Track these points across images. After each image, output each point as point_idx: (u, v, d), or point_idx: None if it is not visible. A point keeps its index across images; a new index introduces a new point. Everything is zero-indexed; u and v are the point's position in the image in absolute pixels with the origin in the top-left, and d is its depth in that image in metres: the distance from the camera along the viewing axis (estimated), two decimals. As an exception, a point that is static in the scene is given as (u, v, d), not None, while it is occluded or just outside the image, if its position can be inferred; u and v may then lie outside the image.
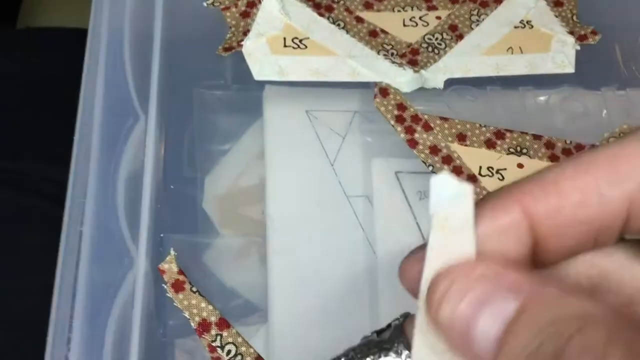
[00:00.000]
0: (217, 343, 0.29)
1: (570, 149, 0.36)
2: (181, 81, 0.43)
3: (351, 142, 0.41)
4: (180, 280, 0.29)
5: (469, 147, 0.36)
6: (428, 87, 0.38)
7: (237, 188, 0.42)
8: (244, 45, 0.37)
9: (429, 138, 0.35)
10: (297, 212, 0.39)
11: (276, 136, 0.41)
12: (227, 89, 0.44)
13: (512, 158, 0.35)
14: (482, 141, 0.35)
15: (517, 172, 0.35)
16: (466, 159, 0.35)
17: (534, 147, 0.36)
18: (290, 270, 0.37)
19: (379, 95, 0.36)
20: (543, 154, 0.36)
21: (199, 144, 0.42)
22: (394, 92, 0.36)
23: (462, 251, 0.19)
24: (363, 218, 0.38)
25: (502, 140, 0.36)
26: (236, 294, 0.39)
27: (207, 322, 0.29)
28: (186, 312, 0.29)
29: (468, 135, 0.36)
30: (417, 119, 0.36)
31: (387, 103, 0.36)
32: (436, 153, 0.35)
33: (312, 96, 0.42)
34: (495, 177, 0.35)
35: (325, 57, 0.37)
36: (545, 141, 0.36)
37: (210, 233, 0.40)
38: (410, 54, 0.38)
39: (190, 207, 0.40)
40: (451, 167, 0.35)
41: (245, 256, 0.40)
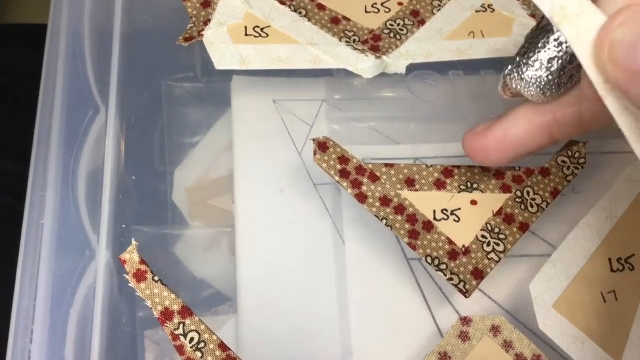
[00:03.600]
0: (180, 331, 0.29)
1: (519, 175, 0.35)
2: (149, 74, 0.43)
3: (318, 130, 0.41)
4: (142, 270, 0.29)
5: (419, 192, 0.34)
6: (390, 72, 0.38)
7: (207, 180, 0.42)
8: (204, 35, 0.37)
9: (377, 189, 0.34)
10: (265, 201, 0.39)
11: (244, 126, 0.41)
12: (196, 81, 0.44)
13: (464, 195, 0.34)
14: (431, 183, 0.34)
15: (471, 210, 0.34)
16: (418, 204, 0.34)
17: (483, 180, 0.35)
18: (258, 260, 0.37)
19: (318, 152, 0.34)
20: (494, 186, 0.35)
21: (168, 136, 0.42)
22: (333, 145, 0.34)
23: (597, 21, 0.22)
24: (331, 206, 0.38)
25: (451, 177, 0.34)
26: (206, 285, 0.39)
27: (169, 310, 0.29)
28: (148, 301, 0.29)
29: (416, 178, 0.34)
30: (362, 170, 0.34)
31: (327, 158, 0.34)
32: (387, 204, 0.33)
33: (280, 86, 0.42)
34: (451, 219, 0.34)
35: (286, 45, 0.37)
36: (494, 172, 0.35)
37: (180, 225, 0.40)
38: (372, 40, 0.38)
39: (160, 199, 0.40)
40: (405, 216, 0.33)
41: (215, 247, 0.40)
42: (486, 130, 0.30)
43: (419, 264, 0.37)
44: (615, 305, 0.33)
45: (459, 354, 0.31)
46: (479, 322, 0.32)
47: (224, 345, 0.29)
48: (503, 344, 0.32)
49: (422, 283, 0.36)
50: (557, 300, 0.33)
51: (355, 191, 0.33)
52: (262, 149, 0.40)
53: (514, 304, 0.36)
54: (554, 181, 0.35)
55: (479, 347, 0.31)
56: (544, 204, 0.34)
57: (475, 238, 0.33)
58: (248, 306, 0.36)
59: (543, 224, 0.38)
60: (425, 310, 0.36)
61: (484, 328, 0.32)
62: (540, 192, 0.34)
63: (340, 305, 0.36)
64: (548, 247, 0.37)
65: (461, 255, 0.33)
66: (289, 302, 0.36)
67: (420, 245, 0.32)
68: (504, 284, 0.36)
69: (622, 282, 0.33)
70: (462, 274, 0.32)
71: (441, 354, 0.31)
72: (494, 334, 0.32)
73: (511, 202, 0.34)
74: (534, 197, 0.34)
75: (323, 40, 0.38)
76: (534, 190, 0.34)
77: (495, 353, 0.31)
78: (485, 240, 0.33)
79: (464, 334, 0.32)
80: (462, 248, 0.33)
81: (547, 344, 0.35)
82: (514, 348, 0.32)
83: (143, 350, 0.35)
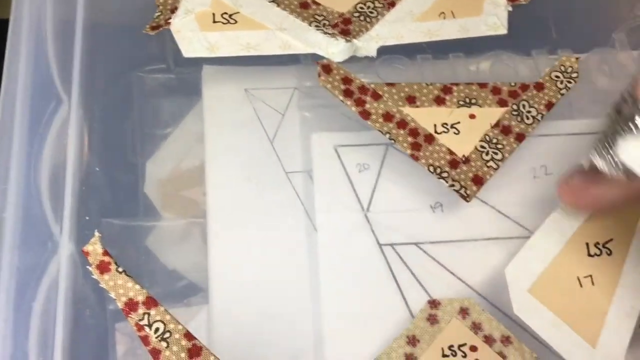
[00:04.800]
0: (145, 322, 0.29)
1: (516, 91, 0.37)
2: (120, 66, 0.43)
3: (290, 118, 0.40)
4: (106, 262, 0.29)
5: (420, 108, 0.36)
6: (360, 55, 0.37)
7: (179, 171, 0.41)
8: (172, 23, 0.36)
9: (380, 106, 0.36)
10: (237, 191, 0.38)
11: (215, 116, 0.41)
12: (168, 72, 0.43)
13: (463, 110, 0.36)
14: (431, 99, 0.36)
15: (470, 123, 0.36)
16: (420, 119, 0.36)
17: (481, 96, 0.36)
18: (230, 250, 0.37)
19: (322, 73, 0.36)
20: (492, 100, 0.36)
21: (139, 128, 0.42)
22: (336, 67, 0.36)
23: None
24: (303, 193, 0.38)
25: (451, 94, 0.36)
26: (179, 276, 0.38)
27: (133, 301, 0.29)
28: (112, 293, 0.29)
29: (417, 96, 0.36)
30: (365, 90, 0.36)
31: (332, 79, 0.36)
32: (390, 119, 0.35)
33: (251, 75, 0.42)
34: (451, 132, 0.36)
35: (255, 31, 0.37)
36: (492, 88, 0.37)
37: (152, 217, 0.39)
38: (342, 23, 0.38)
39: (132, 191, 0.40)
40: (407, 130, 0.35)
41: (187, 238, 0.39)
42: (583, 189, 0.31)
43: (391, 250, 0.37)
44: (592, 289, 0.33)
45: (428, 337, 0.31)
46: (448, 305, 0.32)
47: (190, 334, 0.29)
48: (472, 326, 0.31)
49: (395, 268, 0.36)
50: (532, 284, 0.33)
51: (359, 109, 0.35)
52: (234, 138, 0.40)
53: (487, 287, 0.36)
54: (548, 95, 0.37)
55: (447, 329, 0.31)
56: (539, 116, 0.36)
57: (475, 148, 0.35)
58: (220, 296, 0.36)
59: (517, 206, 0.38)
60: (398, 295, 0.35)
61: (452, 311, 0.32)
62: (536, 105, 0.36)
63: (313, 293, 0.35)
64: (522, 229, 0.37)
65: (462, 164, 0.35)
66: (261, 291, 0.36)
67: (422, 156, 0.34)
68: (477, 267, 0.36)
69: (599, 266, 0.33)
70: (463, 181, 0.34)
71: (409, 338, 0.31)
72: (463, 317, 0.32)
73: (508, 115, 0.36)
74: (529, 110, 0.36)
75: (293, 26, 0.37)
76: (530, 103, 0.36)
77: (464, 335, 0.31)
78: (484, 150, 0.35)
79: (433, 317, 0.32)
80: (462, 157, 0.35)
81: (521, 327, 0.34)
82: (483, 330, 0.31)
83: (114, 343, 0.34)
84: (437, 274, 0.36)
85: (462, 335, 0.31)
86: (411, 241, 0.37)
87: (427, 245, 0.37)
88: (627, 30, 0.41)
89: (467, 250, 0.36)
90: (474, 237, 0.37)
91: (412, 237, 0.37)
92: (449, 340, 0.31)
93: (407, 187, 0.38)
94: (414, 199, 0.38)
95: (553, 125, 0.39)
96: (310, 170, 0.38)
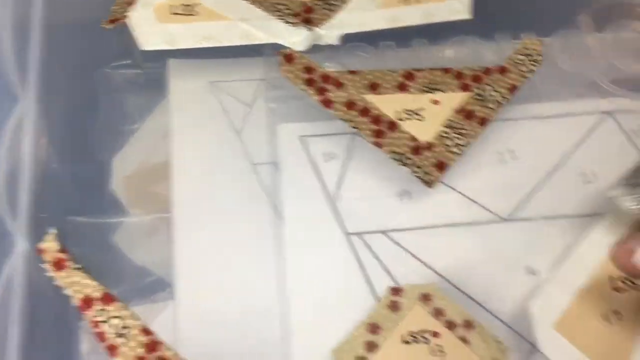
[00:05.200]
0: (101, 318, 0.28)
1: (479, 75, 0.36)
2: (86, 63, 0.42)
3: (257, 110, 0.40)
4: (62, 258, 0.29)
5: (383, 95, 0.36)
6: (323, 43, 0.37)
7: (146, 167, 0.41)
8: (129, 16, 0.36)
9: (343, 94, 0.35)
10: (203, 185, 0.38)
11: (181, 110, 0.40)
12: (135, 67, 0.43)
13: (427, 96, 0.36)
14: (394, 86, 0.36)
15: (433, 109, 0.36)
16: (383, 106, 0.35)
17: (445, 81, 0.36)
18: (196, 244, 0.37)
19: (284, 63, 0.36)
20: (455, 86, 0.36)
21: (106, 125, 0.42)
22: (299, 57, 0.36)
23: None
24: (270, 184, 0.38)
25: (414, 81, 0.36)
26: (147, 272, 0.38)
27: (90, 298, 0.28)
28: (69, 290, 0.29)
29: (380, 83, 0.36)
30: (327, 78, 0.36)
31: (294, 69, 0.36)
32: (352, 107, 0.35)
33: (217, 67, 0.42)
34: (415, 118, 0.35)
35: (216, 22, 0.37)
36: (455, 73, 0.36)
37: (119, 213, 0.39)
38: (305, 12, 0.37)
39: (99, 188, 0.40)
40: (369, 118, 0.35)
41: (154, 234, 0.39)
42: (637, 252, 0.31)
43: (359, 239, 0.36)
44: (619, 325, 0.32)
45: (389, 324, 0.31)
46: (410, 292, 0.31)
47: (148, 329, 0.29)
48: (434, 312, 0.31)
49: (363, 257, 0.36)
50: (558, 320, 0.32)
51: (321, 97, 0.35)
52: (200, 131, 0.40)
53: (455, 273, 0.35)
54: (512, 78, 0.36)
55: (410, 316, 0.31)
56: (503, 100, 0.36)
57: (438, 134, 0.35)
58: (186, 291, 0.35)
59: (484, 191, 0.37)
60: (366, 284, 0.35)
61: (414, 297, 0.31)
62: (499, 89, 0.36)
63: (279, 284, 0.35)
64: (490, 214, 0.37)
65: (425, 150, 0.34)
66: (228, 284, 0.36)
67: (385, 143, 0.34)
68: (445, 253, 0.36)
69: (625, 301, 0.32)
70: (426, 167, 0.34)
71: (371, 325, 0.31)
72: (425, 302, 0.31)
73: (471, 100, 0.36)
74: (493, 94, 0.36)
75: (254, 16, 0.37)
76: (493, 87, 0.36)
77: (426, 321, 0.31)
78: (448, 136, 0.35)
79: (395, 304, 0.31)
80: (425, 144, 0.35)
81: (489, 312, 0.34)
82: (445, 315, 0.31)
83: (78, 341, 0.34)
84: (405, 261, 0.36)
85: (424, 321, 0.31)
86: (379, 229, 0.36)
87: (395, 233, 0.36)
88: (591, 12, 0.40)
89: (435, 237, 0.36)
90: (442, 223, 0.37)
91: (379, 225, 0.36)
92: (411, 327, 0.31)
93: (375, 175, 0.38)
94: (382, 187, 0.37)
95: (519, 109, 0.39)
96: (277, 161, 0.38)
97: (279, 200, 0.37)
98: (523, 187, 0.37)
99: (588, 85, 0.39)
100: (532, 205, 0.37)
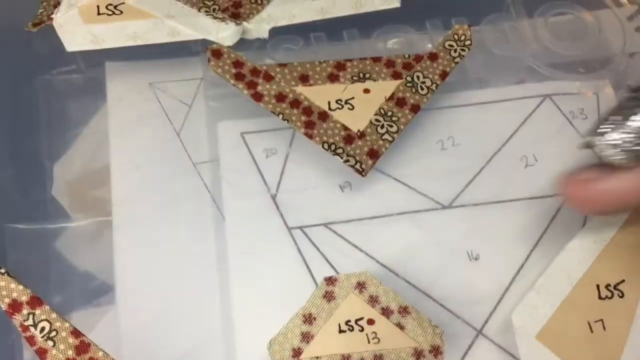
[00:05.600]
0: (30, 322, 0.28)
1: (410, 62, 0.36)
2: (26, 70, 0.42)
3: (197, 109, 0.40)
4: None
5: (314, 86, 0.36)
6: (251, 38, 0.37)
7: (87, 171, 0.41)
8: (54, 18, 0.35)
9: (272, 87, 0.35)
10: (143, 186, 0.38)
11: (120, 113, 0.40)
12: (76, 72, 0.43)
13: (357, 86, 0.36)
14: (324, 77, 0.36)
15: (365, 98, 0.36)
16: (313, 98, 0.35)
17: (375, 70, 0.36)
18: (136, 246, 0.36)
19: (212, 58, 0.36)
20: (386, 74, 0.36)
21: (47, 131, 0.41)
22: (227, 52, 0.36)
23: None
24: (211, 183, 0.38)
25: (344, 71, 0.36)
26: (91, 277, 0.38)
27: (17, 302, 0.28)
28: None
29: (310, 74, 0.36)
30: (257, 72, 0.35)
31: (222, 64, 0.35)
32: (283, 100, 0.35)
33: (156, 68, 0.41)
34: (346, 108, 0.35)
35: (142, 21, 0.36)
36: (385, 61, 0.36)
37: (61, 219, 0.39)
38: (233, 7, 0.37)
39: (40, 195, 0.39)
40: (300, 110, 0.35)
41: (98, 238, 0.39)
42: (594, 181, 0.29)
43: (301, 233, 0.36)
44: (603, 335, 0.31)
45: (324, 314, 0.30)
46: (345, 281, 0.31)
47: (78, 332, 0.28)
48: (369, 300, 0.31)
49: (304, 251, 0.36)
50: (540, 330, 0.31)
51: (251, 91, 0.35)
52: (139, 133, 0.39)
53: (398, 262, 0.35)
54: (442, 64, 0.36)
55: (344, 305, 0.31)
56: (433, 86, 0.36)
57: (370, 122, 0.35)
58: (126, 293, 0.35)
59: (427, 179, 0.37)
60: (308, 277, 0.35)
61: (349, 286, 0.31)
62: (430, 75, 0.36)
63: (222, 281, 0.35)
64: (432, 202, 0.37)
65: (357, 139, 0.34)
66: (169, 284, 0.35)
67: (316, 134, 0.34)
68: (388, 242, 0.36)
69: (611, 310, 0.31)
70: (359, 156, 0.34)
71: (306, 316, 0.30)
72: (360, 291, 0.31)
73: (402, 87, 0.36)
74: (424, 81, 0.36)
75: (181, 12, 0.37)
76: (424, 74, 0.36)
77: (361, 309, 0.31)
78: (379, 124, 0.35)
79: (329, 293, 0.31)
80: (357, 132, 0.34)
81: (430, 297, 0.34)
82: (380, 302, 0.31)
83: (21, 348, 0.34)
84: (348, 253, 0.36)
85: (359, 310, 0.31)
86: (320, 222, 0.36)
87: (337, 225, 0.36)
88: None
89: (377, 227, 0.36)
90: (385, 212, 0.36)
91: (321, 218, 0.36)
92: (346, 316, 0.31)
93: (316, 168, 0.37)
94: (323, 180, 0.37)
95: (458, 97, 0.39)
96: (217, 159, 0.38)
97: (220, 199, 0.37)
98: (464, 174, 0.37)
99: (524, 70, 0.39)
100: (474, 191, 0.37)
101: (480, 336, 0.34)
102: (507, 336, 0.33)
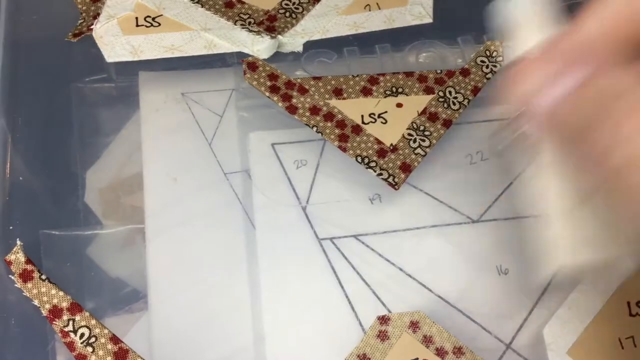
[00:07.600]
0: (70, 328, 0.28)
1: (442, 78, 0.37)
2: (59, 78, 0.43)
3: (228, 119, 0.40)
4: (29, 270, 0.29)
5: (347, 100, 0.36)
6: (286, 51, 0.37)
7: (119, 179, 0.41)
8: (94, 29, 0.36)
9: (307, 100, 0.36)
10: (175, 195, 0.38)
11: (153, 122, 0.41)
12: (108, 81, 0.43)
13: (390, 100, 0.37)
14: (358, 91, 0.36)
15: (397, 112, 0.37)
16: (347, 111, 0.36)
17: (408, 85, 0.37)
18: (169, 254, 0.37)
19: (248, 71, 0.36)
20: (418, 89, 0.37)
21: (80, 139, 0.42)
22: (262, 64, 0.36)
23: None
24: (242, 193, 0.38)
25: (377, 85, 0.37)
26: (122, 283, 0.38)
27: (58, 308, 0.28)
28: (36, 301, 0.29)
29: (343, 88, 0.36)
30: (291, 85, 0.36)
31: (257, 76, 0.36)
32: (317, 113, 0.36)
33: (188, 79, 0.42)
34: (379, 122, 0.36)
35: (179, 33, 0.37)
36: (418, 76, 0.37)
37: (93, 225, 0.39)
38: (268, 21, 0.38)
39: (73, 201, 0.40)
40: (334, 123, 0.35)
41: (129, 245, 0.39)
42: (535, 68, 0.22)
43: (330, 243, 0.36)
44: (634, 351, 0.31)
45: (379, 354, 0.31)
46: (398, 320, 0.31)
47: (117, 338, 0.29)
48: (423, 340, 0.31)
49: (334, 262, 0.36)
50: (572, 345, 0.32)
51: (285, 104, 0.36)
52: (172, 142, 0.40)
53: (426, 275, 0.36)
54: (474, 80, 0.37)
55: (398, 344, 0.31)
56: (465, 102, 0.37)
57: (402, 137, 0.35)
58: (159, 300, 0.35)
59: (455, 193, 0.38)
60: (338, 288, 0.35)
61: (402, 325, 0.31)
62: (462, 90, 0.37)
63: (252, 291, 0.35)
64: (461, 216, 0.37)
65: (389, 152, 0.35)
66: (201, 292, 0.36)
67: (350, 147, 0.35)
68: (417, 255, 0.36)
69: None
70: (391, 169, 0.35)
71: (360, 356, 0.30)
72: (414, 330, 0.31)
73: (434, 102, 0.36)
74: (455, 96, 0.36)
75: (217, 25, 0.37)
76: (456, 89, 0.37)
77: (415, 349, 0.31)
78: (412, 138, 0.35)
79: (383, 333, 0.31)
80: (390, 146, 0.35)
81: (466, 315, 0.34)
82: (435, 342, 0.31)
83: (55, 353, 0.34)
84: (377, 265, 0.36)
85: (413, 350, 0.31)
86: (350, 234, 0.37)
87: (366, 237, 0.37)
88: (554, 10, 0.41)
89: (406, 240, 0.36)
90: (413, 226, 0.37)
91: (350, 229, 0.37)
92: (401, 356, 0.31)
93: (345, 180, 0.38)
94: (352, 192, 0.38)
95: (485, 111, 0.39)
96: (248, 169, 0.38)
97: (251, 209, 0.37)
98: (493, 188, 0.38)
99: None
100: (503, 206, 0.37)
101: (509, 350, 0.34)
102: (536, 350, 0.33)
